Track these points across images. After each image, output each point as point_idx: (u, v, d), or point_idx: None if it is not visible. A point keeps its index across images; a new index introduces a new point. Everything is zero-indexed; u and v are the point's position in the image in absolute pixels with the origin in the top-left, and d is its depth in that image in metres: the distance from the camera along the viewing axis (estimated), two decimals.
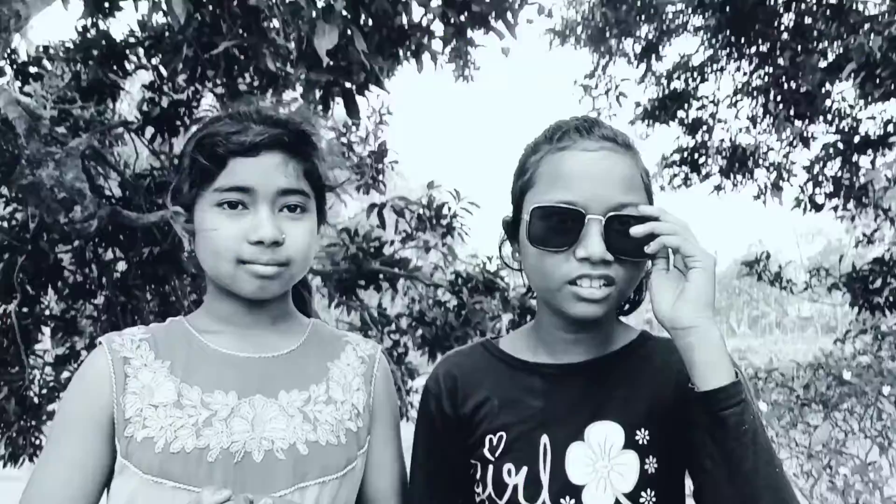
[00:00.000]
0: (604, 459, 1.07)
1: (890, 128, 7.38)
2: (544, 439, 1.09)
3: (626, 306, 1.20)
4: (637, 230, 1.01)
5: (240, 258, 1.07)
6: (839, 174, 7.97)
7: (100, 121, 5.58)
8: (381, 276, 5.03)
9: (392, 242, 5.18)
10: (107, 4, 5.48)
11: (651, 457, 1.07)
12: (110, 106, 5.98)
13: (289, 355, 1.16)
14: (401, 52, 3.62)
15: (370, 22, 2.77)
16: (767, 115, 8.11)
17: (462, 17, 3.06)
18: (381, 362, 1.25)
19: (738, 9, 7.27)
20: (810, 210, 8.23)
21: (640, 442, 1.08)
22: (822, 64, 7.23)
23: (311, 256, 1.14)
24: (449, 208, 4.91)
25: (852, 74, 4.43)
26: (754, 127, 8.43)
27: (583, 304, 1.05)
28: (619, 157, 1.07)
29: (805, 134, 7.97)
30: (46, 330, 5.73)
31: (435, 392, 1.20)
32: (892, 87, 4.26)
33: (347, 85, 3.05)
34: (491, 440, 1.13)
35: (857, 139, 7.60)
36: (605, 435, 1.08)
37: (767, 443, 0.97)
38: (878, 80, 4.25)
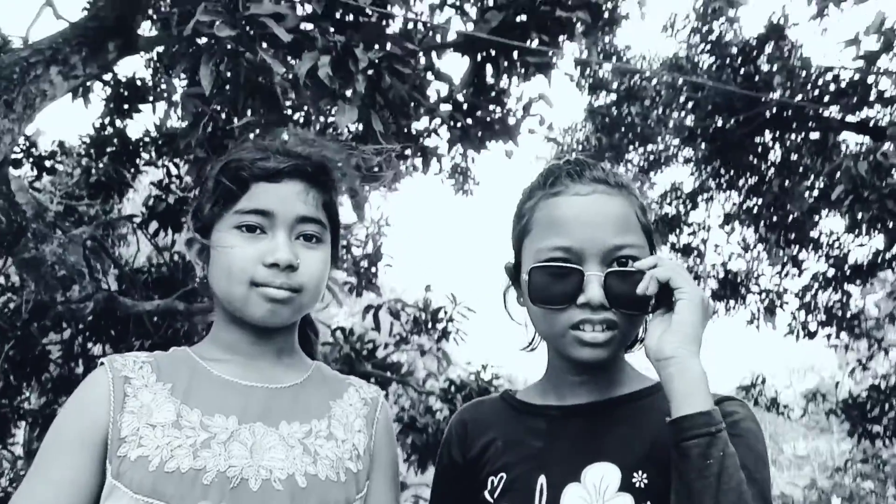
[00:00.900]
0: (598, 501, 1.04)
1: (878, 258, 7.54)
2: (541, 480, 1.07)
3: (633, 343, 1.20)
4: (642, 288, 1.02)
5: (253, 280, 1.08)
6: (829, 303, 8.05)
7: (105, 220, 5.69)
8: (372, 379, 4.95)
9: (386, 345, 5.13)
10: (126, 106, 5.74)
11: (649, 502, 1.03)
12: (116, 202, 6.11)
13: (291, 388, 1.14)
14: (409, 155, 3.75)
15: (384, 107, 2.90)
16: (759, 242, 8.30)
17: (469, 120, 3.22)
18: (383, 406, 1.23)
19: (726, 140, 7.62)
20: (804, 337, 8.24)
21: (638, 485, 1.04)
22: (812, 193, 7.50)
23: (322, 287, 1.15)
24: (445, 312, 4.92)
25: (841, 197, 4.59)
26: (746, 252, 8.61)
27: (587, 349, 1.06)
28: (611, 198, 1.09)
29: (797, 260, 8.14)
30: (22, 423, 5.54)
31: (447, 439, 1.24)
32: (879, 211, 4.40)
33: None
34: (492, 481, 1.12)
35: (846, 268, 7.75)
36: (601, 476, 1.05)
37: (739, 486, 0.90)
38: (866, 205, 4.40)
